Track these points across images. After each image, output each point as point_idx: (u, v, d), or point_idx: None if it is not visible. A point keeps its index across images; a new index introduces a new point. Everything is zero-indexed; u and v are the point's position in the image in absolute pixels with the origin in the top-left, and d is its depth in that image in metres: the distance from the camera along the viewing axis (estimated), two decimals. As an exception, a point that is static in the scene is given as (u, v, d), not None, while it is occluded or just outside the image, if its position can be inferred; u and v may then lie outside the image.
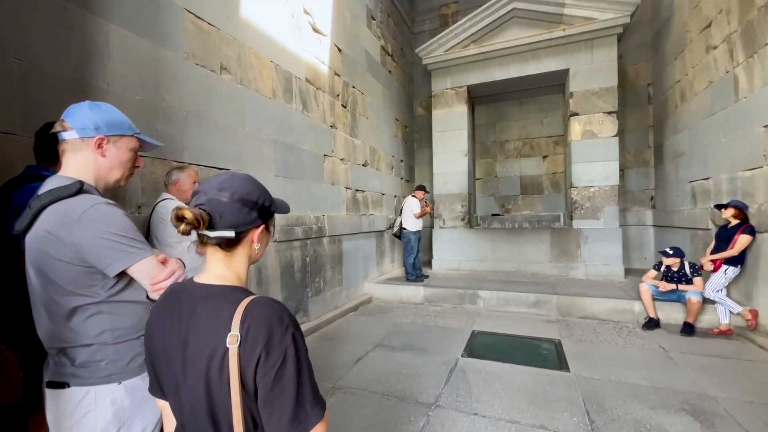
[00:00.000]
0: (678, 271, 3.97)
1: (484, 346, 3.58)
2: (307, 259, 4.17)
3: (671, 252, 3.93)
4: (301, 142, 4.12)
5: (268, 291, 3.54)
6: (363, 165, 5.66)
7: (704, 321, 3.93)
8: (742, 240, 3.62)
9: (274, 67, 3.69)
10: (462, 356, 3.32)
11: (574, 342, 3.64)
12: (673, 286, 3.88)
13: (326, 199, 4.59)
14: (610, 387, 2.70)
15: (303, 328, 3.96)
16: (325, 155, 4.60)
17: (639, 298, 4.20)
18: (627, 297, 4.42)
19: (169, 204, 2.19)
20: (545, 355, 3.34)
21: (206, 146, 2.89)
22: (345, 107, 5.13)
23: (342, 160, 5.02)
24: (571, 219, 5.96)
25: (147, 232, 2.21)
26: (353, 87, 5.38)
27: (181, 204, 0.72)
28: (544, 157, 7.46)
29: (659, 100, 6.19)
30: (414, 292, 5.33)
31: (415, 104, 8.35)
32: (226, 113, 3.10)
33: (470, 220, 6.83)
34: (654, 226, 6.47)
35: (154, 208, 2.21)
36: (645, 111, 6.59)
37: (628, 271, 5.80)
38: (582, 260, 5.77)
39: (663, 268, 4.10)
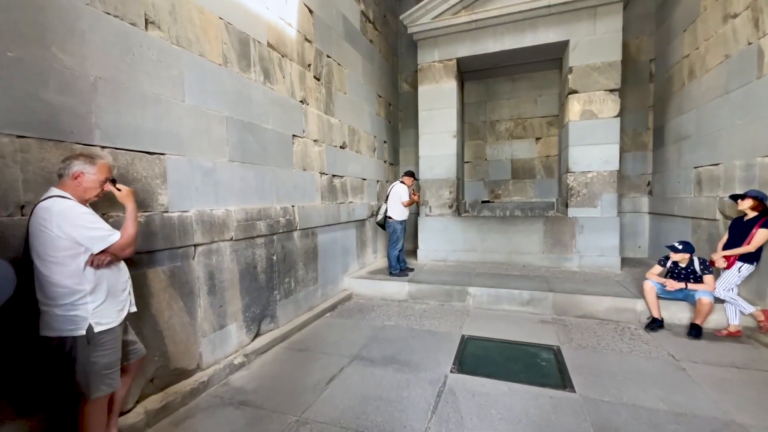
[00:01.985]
0: (686, 268, 3.61)
1: (476, 357, 3.15)
2: (274, 258, 3.61)
3: (680, 247, 3.55)
4: (264, 119, 3.47)
5: (224, 298, 2.98)
6: (341, 147, 5.04)
7: (710, 321, 3.61)
8: (760, 234, 3.25)
9: (225, 25, 2.99)
10: (451, 371, 2.88)
11: (575, 349, 3.26)
12: (681, 284, 3.52)
13: (296, 186, 3.99)
14: (623, 413, 2.31)
15: (271, 336, 3.46)
16: (294, 136, 3.96)
17: (641, 295, 3.85)
18: (627, 294, 4.07)
19: (56, 204, 1.58)
20: (545, 367, 2.94)
21: (129, 124, 2.24)
22: (318, 80, 4.45)
23: (315, 141, 4.39)
24: (566, 207, 5.55)
25: (26, 244, 1.60)
26: (328, 56, 4.68)
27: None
28: (537, 139, 6.98)
29: (662, 77, 5.73)
30: (398, 288, 4.87)
31: (400, 80, 7.67)
32: (158, 81, 2.43)
33: (458, 208, 6.36)
34: (650, 213, 6.15)
35: (33, 210, 1.60)
36: (646, 89, 6.13)
37: (622, 261, 5.48)
38: (577, 251, 5.41)
39: (669, 264, 3.74)
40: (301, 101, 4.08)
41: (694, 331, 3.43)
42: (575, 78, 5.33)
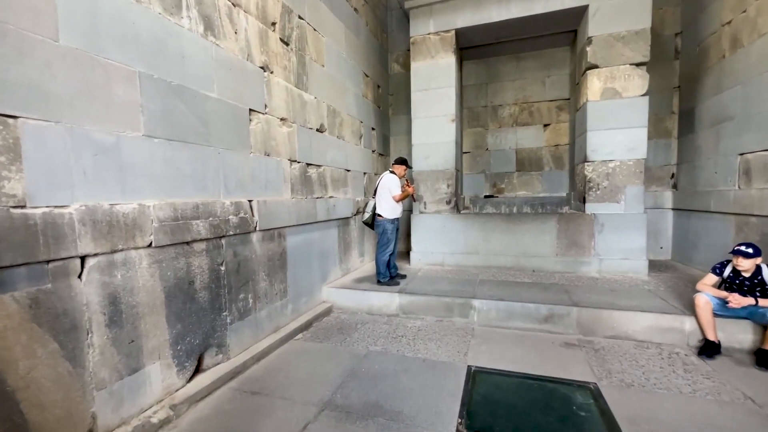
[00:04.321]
0: (752, 278, 2.84)
1: (490, 403, 2.33)
2: (222, 268, 2.74)
3: (751, 251, 2.77)
4: (205, 84, 2.60)
5: (138, 330, 2.11)
6: (318, 130, 4.18)
7: (780, 344, 2.85)
8: None
9: (135, -59, 2.10)
10: (459, 428, 2.06)
11: (618, 388, 2.46)
12: (750, 300, 2.74)
13: (255, 176, 3.12)
14: None
15: (216, 373, 2.61)
16: (252, 111, 3.09)
17: (691, 312, 3.08)
18: (670, 309, 3.29)
19: None
20: (586, 421, 2.13)
21: (-65, 62, 1.36)
22: (287, 44, 3.58)
23: (283, 120, 3.52)
24: (583, 202, 4.77)
25: None
26: (300, 17, 3.80)
27: None
28: (546, 125, 6.18)
29: (692, 52, 4.97)
30: (387, 299, 4.03)
31: (390, 60, 6.81)
32: None
33: (457, 204, 5.54)
34: (674, 209, 5.41)
35: None
36: (670, 68, 5.38)
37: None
38: (596, 253, 4.63)
39: (728, 273, 2.97)
40: (262, 67, 3.21)
41: (766, 359, 2.66)
42: (595, 50, 4.53)
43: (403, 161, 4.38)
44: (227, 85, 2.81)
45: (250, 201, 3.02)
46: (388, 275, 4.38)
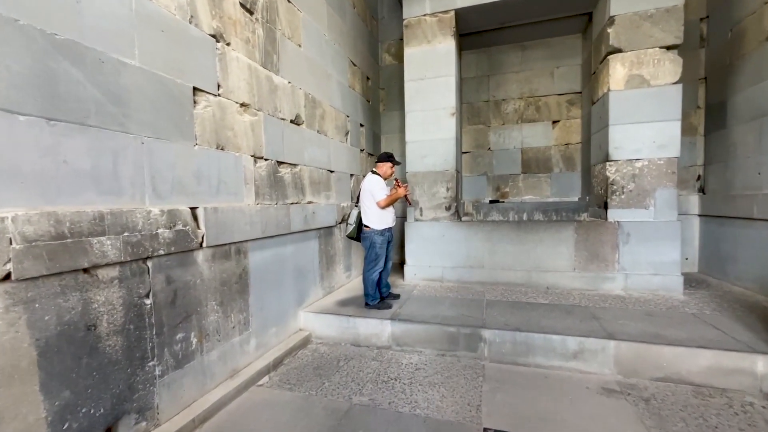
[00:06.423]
0: None
1: (523, 502, 1.61)
2: (148, 302, 1.98)
3: None
4: (118, 46, 1.86)
5: (-16, 413, 1.34)
6: (292, 122, 3.45)
7: None
8: None
9: None
10: None
11: (698, 469, 1.77)
12: None
13: (202, 175, 2.37)
14: None
15: (133, 450, 1.83)
16: (198, 90, 2.35)
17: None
18: (732, 343, 2.61)
19: None
20: None
21: None
22: (250, 12, 2.86)
23: (244, 106, 2.78)
24: (605, 207, 4.12)
25: None
26: (269, -18, 3.10)
27: None
28: (555, 122, 5.55)
29: (722, 38, 4.39)
30: (376, 328, 3.30)
31: (381, 50, 6.14)
32: None
33: (458, 210, 4.85)
34: (702, 215, 4.80)
35: None
36: (694, 57, 4.79)
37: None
38: (620, 268, 3.97)
39: (812, 299, 2.32)
40: (213, 36, 2.48)
41: None
42: (618, 32, 3.91)
43: (387, 157, 3.67)
44: (158, 51, 2.07)
45: (193, 209, 2.27)
46: (378, 297, 3.65)
